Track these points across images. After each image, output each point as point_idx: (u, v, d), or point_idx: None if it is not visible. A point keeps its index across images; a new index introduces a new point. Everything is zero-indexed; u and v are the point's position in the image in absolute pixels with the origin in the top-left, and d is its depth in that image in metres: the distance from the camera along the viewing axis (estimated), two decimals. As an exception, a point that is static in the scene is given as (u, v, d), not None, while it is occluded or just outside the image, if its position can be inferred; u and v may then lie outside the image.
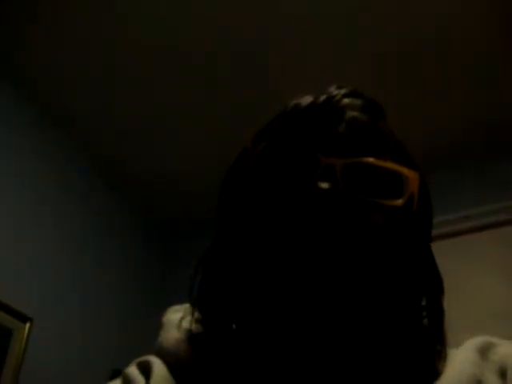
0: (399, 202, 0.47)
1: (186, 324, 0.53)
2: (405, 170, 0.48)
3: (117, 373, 2.12)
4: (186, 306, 0.56)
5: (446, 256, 0.79)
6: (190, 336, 0.52)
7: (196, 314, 0.53)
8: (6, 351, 1.88)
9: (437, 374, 0.46)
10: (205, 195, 2.25)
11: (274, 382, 0.47)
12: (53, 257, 2.16)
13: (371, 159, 0.47)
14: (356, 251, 0.45)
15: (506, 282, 1.91)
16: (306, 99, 0.52)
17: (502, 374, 0.46)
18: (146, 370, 0.51)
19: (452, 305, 0.52)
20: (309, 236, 0.44)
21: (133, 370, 0.52)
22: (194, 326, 0.53)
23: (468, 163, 2.17)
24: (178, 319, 0.54)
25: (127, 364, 0.54)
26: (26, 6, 1.85)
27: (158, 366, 0.50)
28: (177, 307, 0.58)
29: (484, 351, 0.48)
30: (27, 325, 1.96)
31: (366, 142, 0.49)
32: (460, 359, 0.47)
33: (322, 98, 0.51)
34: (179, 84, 2.09)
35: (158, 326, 0.56)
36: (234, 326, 0.52)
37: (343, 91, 0.51)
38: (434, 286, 0.51)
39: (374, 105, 0.53)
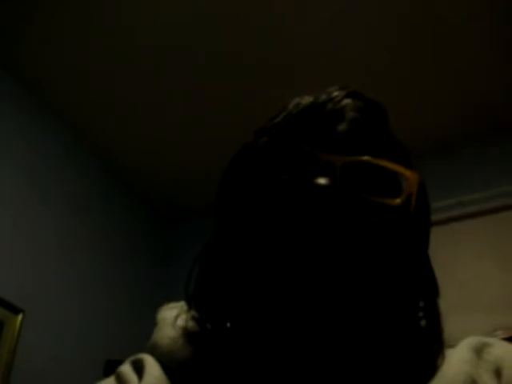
0: (397, 201, 0.48)
1: (180, 322, 0.53)
2: (404, 171, 0.49)
3: (110, 363, 2.11)
4: (182, 303, 0.56)
5: (441, 242, 0.79)
6: (185, 334, 0.52)
7: (191, 312, 0.53)
8: (-3, 343, 1.88)
9: (434, 372, 0.46)
10: (205, 186, 2.29)
11: (270, 382, 0.46)
12: (46, 247, 2.16)
13: (371, 158, 0.47)
14: (352, 249, 0.45)
15: (500, 268, 1.94)
16: (307, 98, 0.52)
17: (497, 374, 0.46)
18: (139, 369, 0.50)
19: (447, 290, 0.52)
20: (305, 234, 0.44)
21: (126, 369, 0.51)
22: (189, 324, 0.52)
23: (462, 149, 2.18)
24: (172, 317, 0.54)
25: (121, 355, 0.54)
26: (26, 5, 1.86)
27: (152, 365, 0.50)
28: (172, 304, 0.57)
29: (479, 351, 0.48)
30: (19, 316, 1.96)
31: (366, 142, 0.49)
32: (456, 358, 0.47)
33: (323, 97, 0.51)
34: (182, 80, 2.11)
35: (153, 320, 0.56)
36: (228, 324, 0.51)
37: (344, 92, 0.52)
38: (431, 288, 0.51)
39: (375, 106, 0.53)
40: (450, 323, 0.51)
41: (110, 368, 2.09)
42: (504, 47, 1.88)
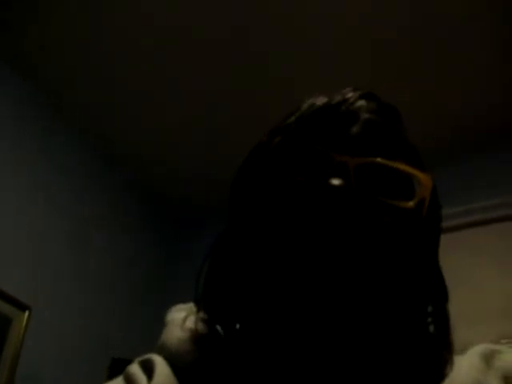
0: (410, 204, 0.47)
1: (189, 323, 0.53)
2: (418, 173, 0.48)
3: (116, 362, 2.12)
4: (191, 304, 0.56)
5: (448, 250, 0.77)
6: (193, 335, 0.52)
7: (200, 314, 0.53)
8: (4, 339, 1.89)
9: (442, 379, 0.46)
10: (218, 185, 2.28)
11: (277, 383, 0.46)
12: (54, 245, 2.17)
13: (384, 160, 0.47)
14: (364, 251, 0.45)
15: (506, 277, 1.93)
16: (321, 99, 0.52)
17: (506, 381, 0.46)
18: (148, 369, 0.50)
19: (454, 299, 0.52)
20: (318, 235, 0.44)
21: (135, 369, 0.51)
22: (197, 326, 0.52)
23: (469, 158, 2.17)
24: (181, 318, 0.54)
25: (126, 353, 0.55)
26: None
27: (161, 366, 0.50)
28: (181, 306, 0.58)
29: (488, 358, 0.48)
30: (26, 313, 1.97)
31: (379, 143, 0.49)
32: (464, 365, 0.47)
33: (337, 98, 0.51)
34: (184, 78, 2.11)
35: (160, 319, 0.56)
36: (237, 325, 0.51)
37: (358, 93, 0.52)
38: (440, 293, 0.51)
39: (389, 108, 0.53)
40: (456, 332, 0.50)
41: (115, 366, 2.09)
42: (504, 47, 1.87)
